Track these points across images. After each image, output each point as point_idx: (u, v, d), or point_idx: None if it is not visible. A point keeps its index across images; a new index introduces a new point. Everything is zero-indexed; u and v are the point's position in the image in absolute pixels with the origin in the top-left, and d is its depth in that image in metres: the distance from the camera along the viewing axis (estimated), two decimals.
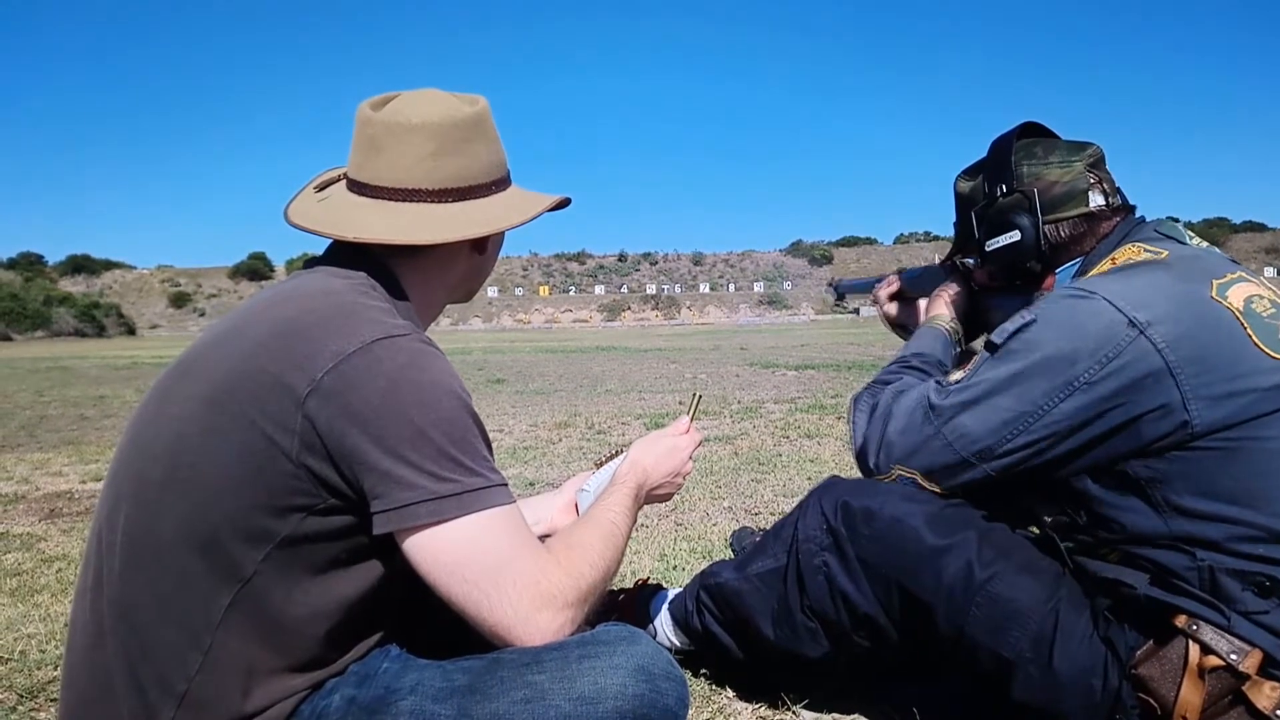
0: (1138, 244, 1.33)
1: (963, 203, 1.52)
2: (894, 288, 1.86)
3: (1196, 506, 1.17)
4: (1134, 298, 1.19)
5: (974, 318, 1.65)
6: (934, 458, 1.31)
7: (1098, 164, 1.41)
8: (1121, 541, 1.23)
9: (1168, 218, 1.39)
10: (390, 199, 1.10)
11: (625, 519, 1.15)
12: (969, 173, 1.51)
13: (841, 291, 2.21)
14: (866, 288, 2.01)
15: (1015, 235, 1.41)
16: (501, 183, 1.17)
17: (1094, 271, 1.35)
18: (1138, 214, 1.42)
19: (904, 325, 1.82)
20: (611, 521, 1.12)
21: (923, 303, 1.75)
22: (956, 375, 1.34)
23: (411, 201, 1.10)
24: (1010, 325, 1.28)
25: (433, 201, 1.10)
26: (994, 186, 1.43)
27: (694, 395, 1.56)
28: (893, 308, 1.85)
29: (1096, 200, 1.38)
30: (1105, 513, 1.24)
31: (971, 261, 1.54)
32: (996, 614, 1.26)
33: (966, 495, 1.34)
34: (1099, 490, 1.24)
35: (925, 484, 1.33)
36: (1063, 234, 1.40)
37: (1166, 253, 1.29)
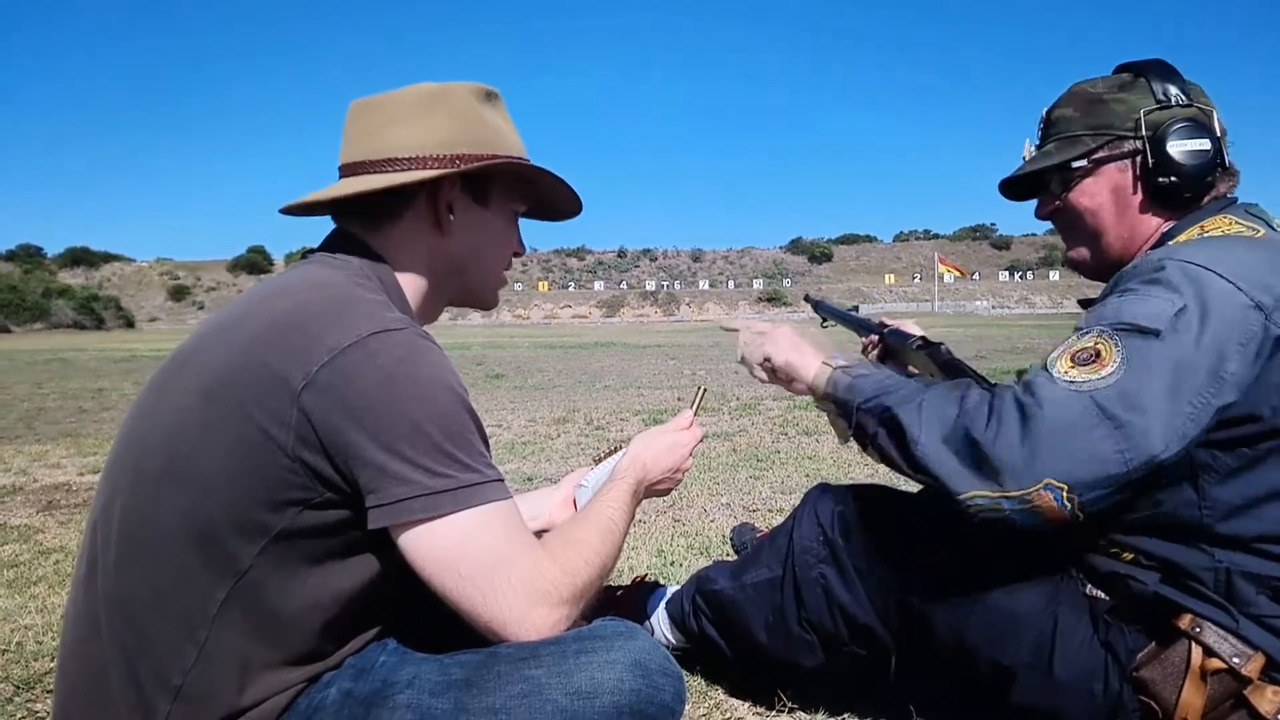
0: (1230, 217, 1.26)
1: (1112, 107, 1.31)
2: (878, 350, 1.73)
3: (1240, 504, 1.13)
4: (1253, 278, 1.12)
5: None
6: (1100, 466, 1.07)
7: None
8: (1148, 527, 1.19)
9: (1254, 203, 1.31)
10: (344, 174, 1.12)
11: (623, 515, 1.14)
12: (1111, 78, 1.34)
13: (822, 313, 2.06)
14: (845, 319, 1.92)
15: (1206, 144, 1.25)
16: (479, 160, 1.13)
17: (1181, 237, 1.27)
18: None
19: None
20: (609, 517, 1.11)
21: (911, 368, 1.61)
22: (1076, 371, 1.13)
23: (359, 174, 1.10)
24: (1165, 309, 1.11)
25: (374, 171, 1.10)
26: (1167, 92, 1.28)
27: (699, 389, 1.54)
28: (877, 357, 1.74)
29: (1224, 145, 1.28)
30: (1145, 502, 1.17)
31: (1083, 165, 1.33)
32: (996, 622, 1.25)
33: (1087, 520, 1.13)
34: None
35: (1064, 504, 1.09)
36: (1226, 159, 1.28)
37: (1263, 232, 1.23)
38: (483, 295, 1.24)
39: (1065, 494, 1.09)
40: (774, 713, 1.58)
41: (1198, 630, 1.13)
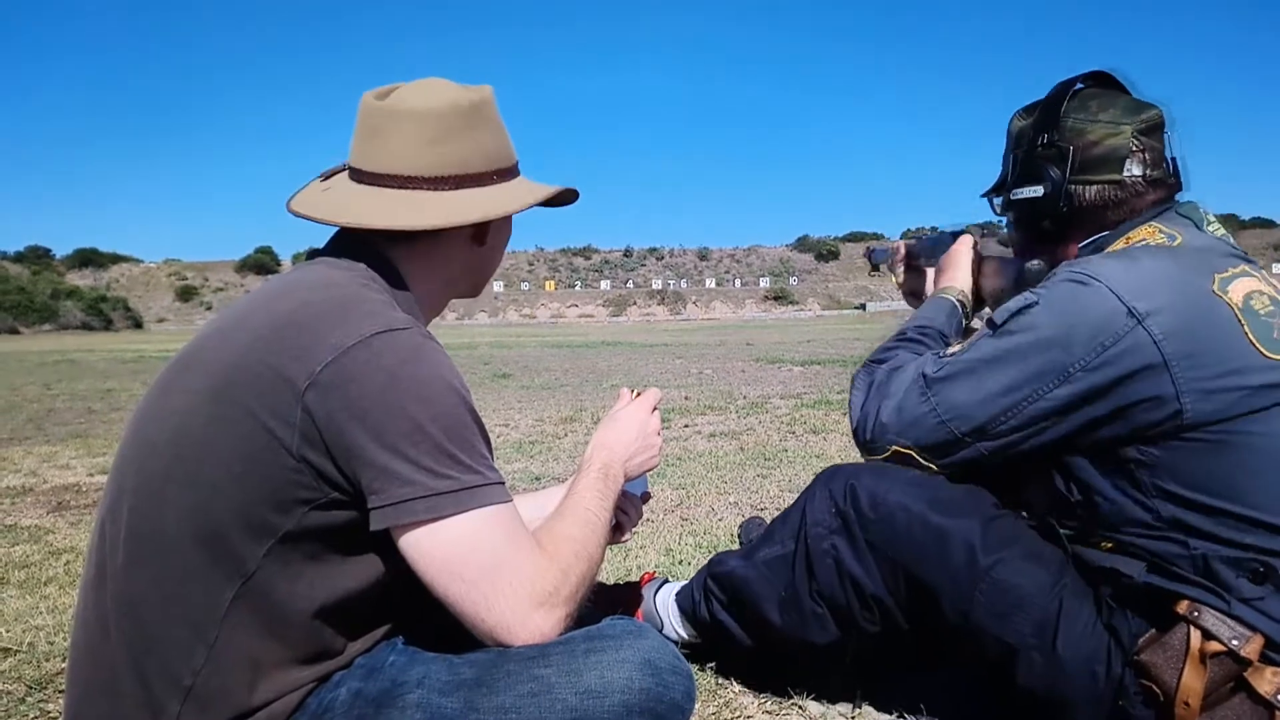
0: (1154, 225, 1.30)
1: (1010, 142, 1.45)
2: (901, 255, 1.84)
3: (1184, 494, 1.16)
4: (1136, 286, 1.17)
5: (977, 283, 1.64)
6: (928, 434, 1.30)
7: (1151, 131, 1.32)
8: (1109, 526, 1.23)
9: (1189, 201, 1.34)
10: (387, 186, 1.09)
11: (599, 504, 1.12)
12: (1026, 111, 1.44)
13: (875, 261, 2.13)
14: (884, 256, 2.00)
15: (1038, 190, 1.36)
16: (506, 173, 1.15)
17: (1111, 247, 1.32)
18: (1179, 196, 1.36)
19: (915, 294, 1.78)
20: (586, 508, 1.10)
21: (930, 271, 1.72)
22: (954, 349, 1.33)
23: (408, 189, 1.08)
24: (1013, 305, 1.26)
25: (429, 189, 1.08)
26: (1039, 133, 1.37)
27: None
28: (903, 275, 1.83)
29: (1133, 170, 1.31)
30: (1093, 496, 1.23)
31: (999, 202, 1.48)
32: (1001, 599, 1.26)
33: (967, 473, 1.34)
34: (1088, 469, 1.23)
35: (922, 461, 1.33)
36: (1087, 198, 1.33)
37: (1181, 238, 1.27)
38: (479, 289, 1.25)
39: (919, 456, 1.32)
40: (784, 710, 1.57)
41: (1196, 614, 1.14)
